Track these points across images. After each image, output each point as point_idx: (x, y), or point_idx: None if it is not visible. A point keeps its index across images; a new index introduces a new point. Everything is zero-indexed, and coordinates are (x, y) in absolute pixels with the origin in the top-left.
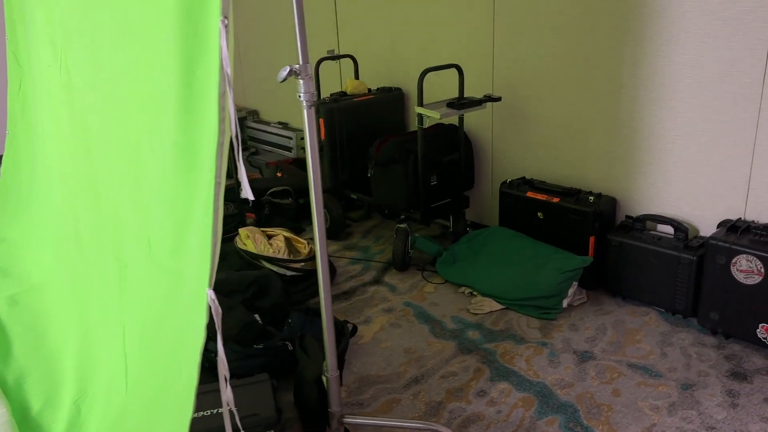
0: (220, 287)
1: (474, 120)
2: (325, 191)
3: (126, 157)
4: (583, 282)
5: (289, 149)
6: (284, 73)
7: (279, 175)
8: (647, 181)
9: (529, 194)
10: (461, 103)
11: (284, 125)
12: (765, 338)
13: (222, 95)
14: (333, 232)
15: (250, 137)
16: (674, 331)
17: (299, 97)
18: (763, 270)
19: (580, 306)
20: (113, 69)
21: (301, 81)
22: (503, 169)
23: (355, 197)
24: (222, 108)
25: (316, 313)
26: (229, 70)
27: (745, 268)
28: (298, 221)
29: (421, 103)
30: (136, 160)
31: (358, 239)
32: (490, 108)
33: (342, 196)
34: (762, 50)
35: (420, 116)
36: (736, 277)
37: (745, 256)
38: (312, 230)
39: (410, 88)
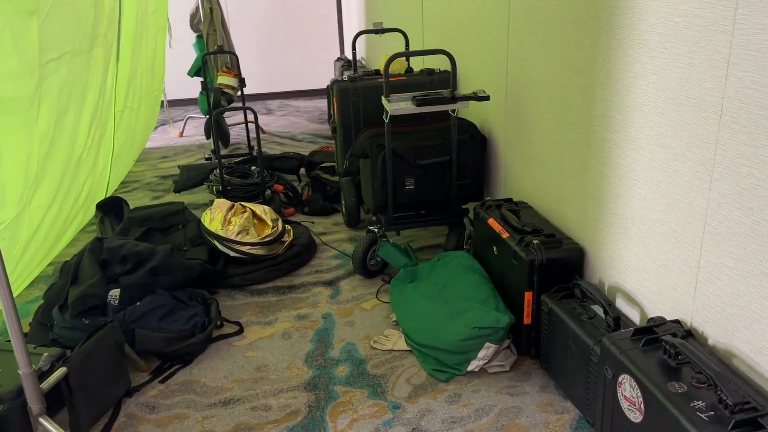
0: (100, 254)
1: (494, 122)
2: (340, 176)
3: None
4: (522, 348)
5: None
6: None
7: None
8: (612, 236)
9: (490, 222)
10: (424, 99)
11: None
12: None
13: None
14: (347, 220)
15: None
16: None
17: None
18: (643, 406)
19: (494, 375)
20: None
21: None
22: (512, 184)
23: None
24: None
25: (205, 301)
26: None
27: (628, 396)
28: (336, 200)
29: (386, 94)
30: None
31: None
32: (503, 109)
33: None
34: (721, 67)
35: (385, 109)
36: (621, 405)
37: (629, 378)
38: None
39: (460, 71)
